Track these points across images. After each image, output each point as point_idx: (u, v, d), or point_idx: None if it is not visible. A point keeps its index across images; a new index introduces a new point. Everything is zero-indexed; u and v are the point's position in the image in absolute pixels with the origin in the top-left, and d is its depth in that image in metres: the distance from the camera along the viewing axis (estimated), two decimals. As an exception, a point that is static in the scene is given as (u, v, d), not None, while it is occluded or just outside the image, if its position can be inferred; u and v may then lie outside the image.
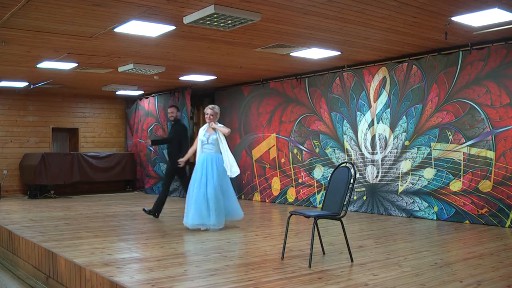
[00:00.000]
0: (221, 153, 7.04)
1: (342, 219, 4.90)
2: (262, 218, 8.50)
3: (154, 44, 7.28)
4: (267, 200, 10.77)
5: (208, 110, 7.13)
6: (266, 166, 10.80)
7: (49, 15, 5.73)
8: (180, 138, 8.32)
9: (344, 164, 5.10)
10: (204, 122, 7.32)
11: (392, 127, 8.39)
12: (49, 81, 10.76)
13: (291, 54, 7.94)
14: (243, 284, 4.08)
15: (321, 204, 9.40)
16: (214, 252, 5.35)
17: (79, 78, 10.39)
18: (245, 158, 11.34)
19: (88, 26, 6.23)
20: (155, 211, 8.13)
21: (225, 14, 5.46)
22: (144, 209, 8.40)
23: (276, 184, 10.59)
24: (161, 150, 12.70)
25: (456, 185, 7.54)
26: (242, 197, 11.39)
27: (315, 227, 4.82)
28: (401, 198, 8.23)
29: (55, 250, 5.34)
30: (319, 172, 9.67)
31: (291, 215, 5.14)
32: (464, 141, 7.45)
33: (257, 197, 11.01)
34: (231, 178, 7.21)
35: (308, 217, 5.00)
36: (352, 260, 4.86)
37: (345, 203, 4.84)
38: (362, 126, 8.87)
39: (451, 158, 7.60)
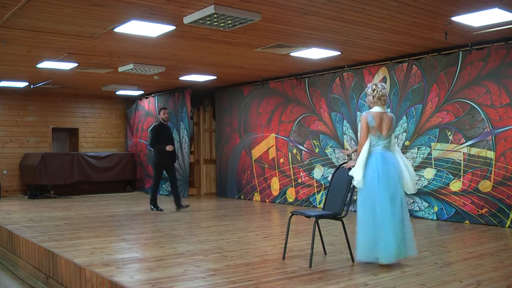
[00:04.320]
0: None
1: (343, 219, 4.90)
2: (262, 218, 8.50)
3: (154, 44, 7.28)
4: (267, 200, 10.76)
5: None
6: (265, 166, 10.80)
7: (49, 15, 5.73)
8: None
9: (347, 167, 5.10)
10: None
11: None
12: (49, 81, 10.75)
13: (291, 54, 7.93)
14: (243, 284, 4.08)
15: (321, 204, 9.44)
16: (214, 252, 5.35)
17: (79, 78, 10.39)
18: (244, 158, 11.34)
19: (88, 26, 6.23)
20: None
21: (225, 14, 5.46)
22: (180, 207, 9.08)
23: (275, 184, 10.59)
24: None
25: (456, 185, 7.54)
26: (242, 197, 11.40)
27: (316, 227, 4.81)
28: (401, 198, 8.22)
29: (55, 250, 5.34)
30: (319, 172, 9.67)
31: (292, 215, 5.14)
32: (464, 141, 7.45)
33: (257, 197, 11.01)
34: None
35: (309, 217, 5.00)
36: (353, 260, 4.86)
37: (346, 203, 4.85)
38: (362, 126, 8.85)
39: (451, 158, 7.60)
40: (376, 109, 4.94)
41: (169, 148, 8.90)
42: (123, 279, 4.19)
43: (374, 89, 4.96)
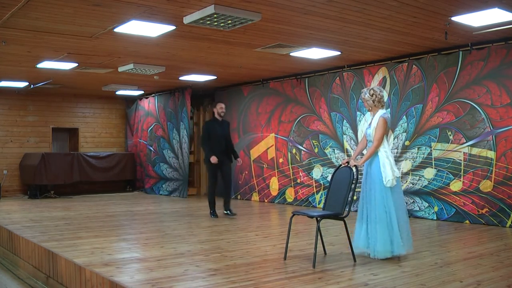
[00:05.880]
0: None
1: (344, 219, 4.90)
2: (261, 218, 8.49)
3: (154, 44, 7.28)
4: (265, 200, 10.76)
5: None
6: (264, 166, 10.79)
7: (49, 15, 5.73)
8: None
9: (346, 164, 5.10)
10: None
11: (392, 127, 8.38)
12: (49, 81, 10.75)
13: (291, 54, 7.93)
14: (243, 284, 4.08)
15: (320, 204, 9.44)
16: (214, 252, 5.35)
17: (79, 78, 10.39)
18: (243, 158, 11.32)
19: (88, 26, 6.22)
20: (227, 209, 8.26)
21: (225, 14, 5.46)
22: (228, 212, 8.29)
23: (274, 184, 10.58)
24: (161, 150, 12.71)
25: (456, 185, 7.53)
26: (239, 197, 11.38)
27: (319, 227, 4.81)
28: (401, 198, 8.22)
29: (55, 250, 5.34)
30: (318, 172, 9.66)
31: (294, 215, 5.13)
32: (465, 141, 7.45)
33: (255, 197, 11.01)
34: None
35: (311, 217, 5.00)
36: (355, 260, 4.85)
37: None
38: (362, 126, 8.86)
39: (451, 158, 7.60)
40: (386, 111, 5.20)
41: (212, 160, 7.95)
42: (123, 279, 4.19)
43: (373, 94, 5.14)
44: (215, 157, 7.96)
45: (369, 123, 5.27)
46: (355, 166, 4.97)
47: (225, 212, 8.27)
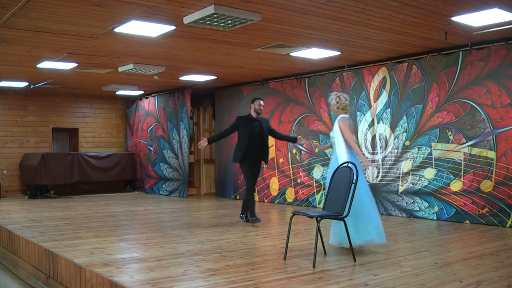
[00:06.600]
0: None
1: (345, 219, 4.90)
2: (262, 218, 8.48)
3: (154, 44, 7.28)
4: (265, 200, 10.76)
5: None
6: (264, 166, 10.78)
7: (49, 15, 5.73)
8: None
9: (345, 164, 5.10)
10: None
11: (393, 127, 8.39)
12: (49, 81, 10.75)
13: (291, 54, 7.93)
14: (243, 284, 4.08)
15: (320, 204, 9.44)
16: (214, 252, 5.35)
17: (79, 78, 10.39)
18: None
19: (88, 26, 6.23)
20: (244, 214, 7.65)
21: (225, 14, 5.46)
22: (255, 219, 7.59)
23: (274, 184, 10.58)
24: (161, 150, 12.71)
25: (456, 185, 7.53)
26: (238, 197, 11.37)
27: (319, 227, 4.81)
28: (401, 198, 8.22)
29: (55, 250, 5.34)
30: (318, 172, 9.66)
31: (294, 215, 5.13)
32: (465, 141, 7.45)
33: (255, 197, 10.95)
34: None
35: (311, 217, 5.00)
36: (355, 260, 4.86)
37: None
38: (362, 126, 8.87)
39: (451, 158, 7.60)
40: (347, 115, 5.59)
41: (200, 143, 7.40)
42: (123, 279, 4.19)
43: (338, 101, 5.57)
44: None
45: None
46: (355, 166, 4.98)
47: (251, 218, 7.59)
